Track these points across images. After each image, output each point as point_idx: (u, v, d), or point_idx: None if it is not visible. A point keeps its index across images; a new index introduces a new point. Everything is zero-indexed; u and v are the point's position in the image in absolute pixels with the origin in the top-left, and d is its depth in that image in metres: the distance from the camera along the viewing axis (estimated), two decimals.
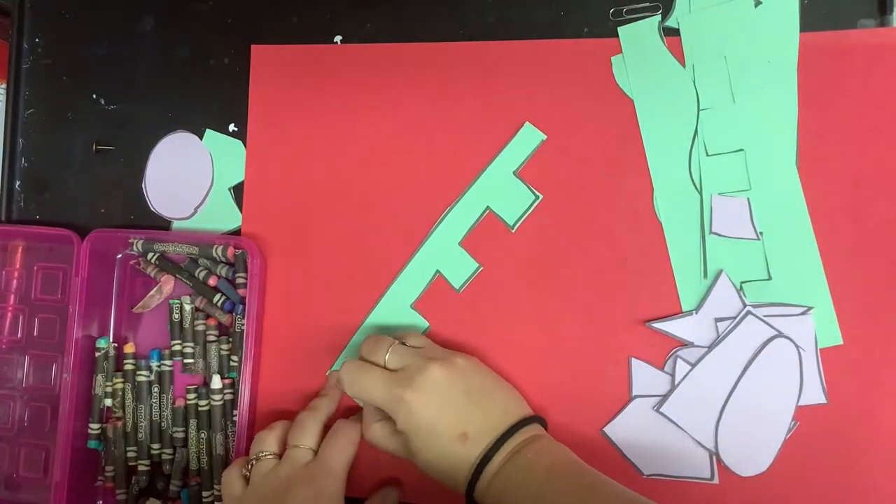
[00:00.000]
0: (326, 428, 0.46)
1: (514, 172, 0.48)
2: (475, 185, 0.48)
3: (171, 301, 0.51)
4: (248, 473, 0.44)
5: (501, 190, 0.48)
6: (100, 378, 0.52)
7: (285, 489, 0.42)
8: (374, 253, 0.50)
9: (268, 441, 0.45)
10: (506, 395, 0.43)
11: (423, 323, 0.48)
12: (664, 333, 0.45)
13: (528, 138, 0.48)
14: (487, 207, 0.48)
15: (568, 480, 0.39)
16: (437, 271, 0.49)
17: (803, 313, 0.44)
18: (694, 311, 0.45)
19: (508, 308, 0.48)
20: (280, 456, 0.45)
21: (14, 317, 0.55)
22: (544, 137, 0.48)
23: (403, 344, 0.45)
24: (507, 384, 0.45)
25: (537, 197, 0.48)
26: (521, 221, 0.48)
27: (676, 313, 0.46)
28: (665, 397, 0.45)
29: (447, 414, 0.41)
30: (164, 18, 0.54)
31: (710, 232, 0.46)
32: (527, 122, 0.48)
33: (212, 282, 0.51)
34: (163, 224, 0.53)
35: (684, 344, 0.45)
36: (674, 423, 0.45)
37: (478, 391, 0.42)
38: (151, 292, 0.52)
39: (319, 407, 0.47)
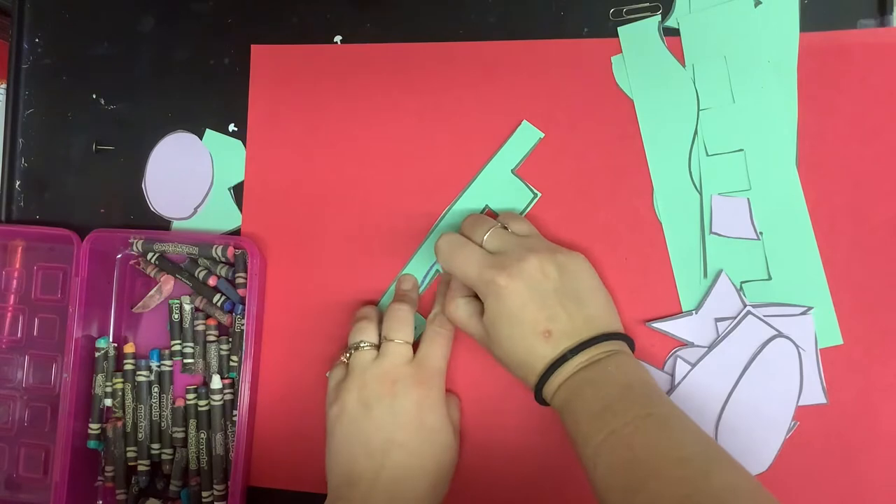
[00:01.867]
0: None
1: (512, 171, 0.48)
2: (474, 183, 0.48)
3: (170, 301, 0.51)
4: (346, 360, 0.45)
5: (500, 188, 0.48)
6: (100, 378, 0.52)
7: (394, 387, 0.43)
8: (374, 252, 0.50)
9: (368, 331, 0.45)
10: (598, 304, 0.42)
11: (421, 320, 0.48)
12: (664, 333, 0.45)
13: (526, 136, 0.48)
14: (486, 206, 0.48)
15: (640, 403, 0.37)
16: (437, 270, 0.49)
17: (803, 313, 0.44)
18: (694, 311, 0.45)
19: None
20: (377, 347, 0.45)
21: (14, 317, 0.55)
22: (542, 135, 0.48)
23: (505, 228, 0.44)
24: (604, 293, 0.43)
25: (536, 195, 0.48)
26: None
27: (676, 313, 0.46)
28: None
29: (534, 307, 0.40)
30: (164, 18, 0.54)
31: (710, 232, 0.46)
32: (524, 121, 0.48)
33: (212, 282, 0.51)
34: (163, 224, 0.53)
35: (684, 344, 0.45)
36: None
37: (570, 292, 0.41)
38: (151, 292, 0.52)
39: (410, 301, 0.46)
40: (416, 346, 0.46)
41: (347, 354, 0.45)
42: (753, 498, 0.33)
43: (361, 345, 0.45)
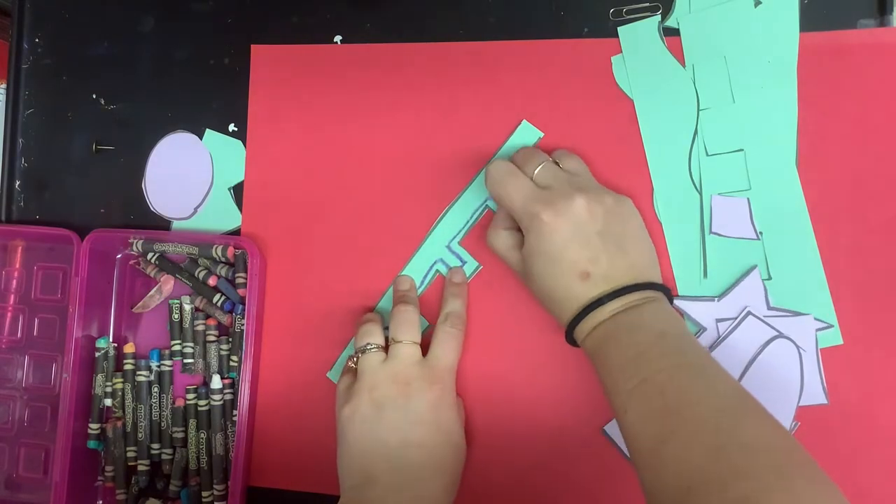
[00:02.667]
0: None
1: None
2: (473, 183, 0.48)
3: (170, 301, 0.51)
4: (353, 365, 0.45)
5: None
6: (99, 378, 0.52)
7: (406, 389, 0.43)
8: (373, 252, 0.50)
9: (374, 333, 0.45)
10: (640, 252, 0.41)
11: (423, 322, 0.48)
12: (681, 311, 0.45)
13: (526, 136, 0.48)
14: (486, 206, 0.48)
15: (674, 351, 0.37)
16: (437, 271, 0.49)
17: (803, 313, 0.44)
18: (717, 298, 0.45)
19: (509, 307, 0.47)
20: (384, 349, 0.45)
21: (14, 317, 0.55)
22: (541, 135, 0.48)
23: (557, 164, 0.43)
24: (648, 242, 0.43)
25: None
26: None
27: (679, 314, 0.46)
28: None
29: (576, 247, 0.39)
30: (164, 18, 0.54)
31: (710, 232, 0.46)
32: (524, 120, 0.48)
33: (212, 282, 0.51)
34: (163, 224, 0.53)
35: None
36: None
37: (614, 237, 0.40)
38: (151, 292, 0.52)
39: (413, 302, 0.46)
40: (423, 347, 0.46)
41: (355, 358, 0.45)
42: (789, 455, 0.32)
43: (368, 347, 0.45)
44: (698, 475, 0.32)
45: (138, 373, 0.51)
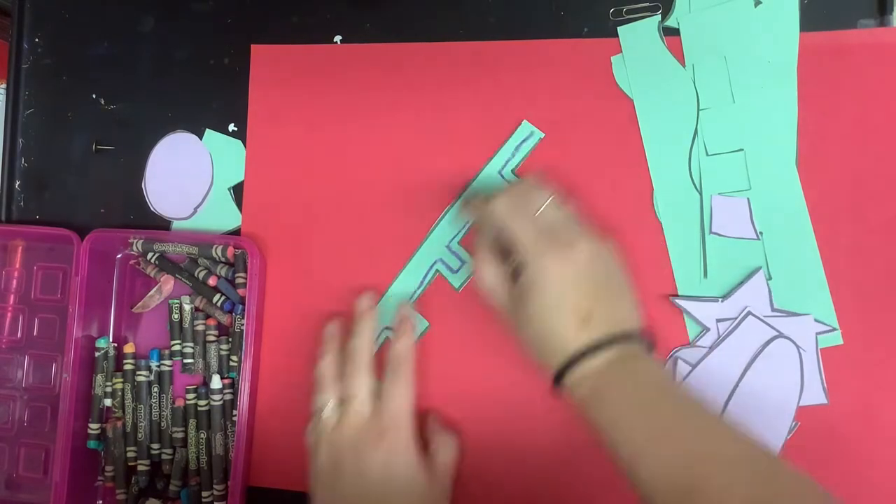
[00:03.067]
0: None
1: (512, 171, 0.48)
2: (473, 183, 0.48)
3: (170, 301, 0.51)
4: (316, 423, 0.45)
5: (500, 188, 0.48)
6: (99, 378, 0.52)
7: (356, 448, 0.43)
8: (373, 252, 0.50)
9: (326, 393, 0.45)
10: (632, 301, 0.41)
11: (423, 322, 0.48)
12: (683, 311, 0.45)
13: (526, 136, 0.48)
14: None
15: (687, 401, 0.37)
16: (437, 271, 0.49)
17: (803, 313, 0.44)
18: (720, 299, 0.45)
19: None
20: (340, 402, 0.45)
21: (14, 317, 0.55)
22: (542, 135, 0.48)
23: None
24: (634, 291, 0.42)
25: None
26: None
27: (676, 313, 0.46)
28: None
29: (579, 292, 0.39)
30: (164, 18, 0.54)
31: (710, 232, 0.46)
32: (524, 120, 0.48)
33: (211, 282, 0.51)
34: (162, 224, 0.53)
35: (686, 343, 0.45)
36: None
37: (613, 283, 0.40)
38: (151, 292, 0.52)
39: (361, 349, 0.46)
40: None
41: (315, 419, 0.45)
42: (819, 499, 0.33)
43: (323, 414, 0.45)
44: None
45: (138, 373, 0.51)
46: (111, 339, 0.52)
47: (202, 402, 0.51)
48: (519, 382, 0.47)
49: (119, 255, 0.53)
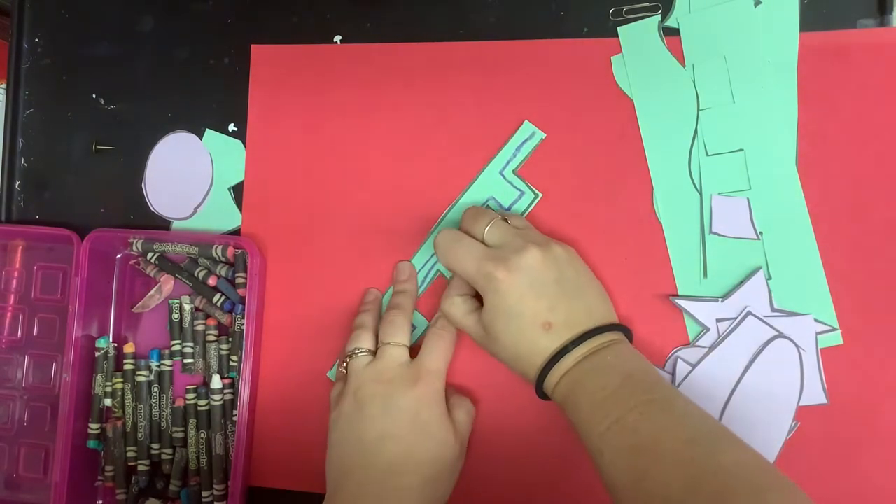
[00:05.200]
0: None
1: (513, 171, 0.48)
2: (475, 183, 0.48)
3: (170, 301, 0.51)
4: (344, 370, 0.45)
5: (501, 189, 0.48)
6: (99, 378, 0.52)
7: (388, 388, 0.43)
8: (374, 252, 0.50)
9: (362, 338, 0.45)
10: (595, 295, 0.42)
11: (423, 322, 0.48)
12: (683, 311, 0.45)
13: (527, 136, 0.48)
14: (487, 207, 0.48)
15: (642, 389, 0.37)
16: (438, 270, 0.49)
17: (803, 313, 0.44)
18: (720, 299, 0.45)
19: None
20: (373, 353, 0.45)
21: (14, 317, 0.55)
22: (543, 136, 0.48)
23: (505, 221, 0.43)
24: (598, 285, 0.43)
25: (537, 195, 0.48)
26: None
27: (676, 313, 0.46)
28: None
29: (535, 300, 0.40)
30: (164, 18, 0.54)
31: (710, 232, 0.46)
32: (525, 121, 0.48)
33: (211, 282, 0.51)
34: (162, 224, 0.53)
35: (686, 343, 0.45)
36: None
37: (570, 283, 0.41)
38: (151, 292, 0.52)
39: (404, 305, 0.46)
40: (416, 350, 0.46)
41: (345, 363, 0.46)
42: (762, 473, 0.33)
43: (357, 352, 0.45)
44: None
45: (138, 373, 0.51)
46: (111, 339, 0.52)
47: (202, 402, 0.51)
48: (519, 382, 0.47)
49: (119, 255, 0.53)
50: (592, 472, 0.46)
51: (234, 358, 0.51)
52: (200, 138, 0.53)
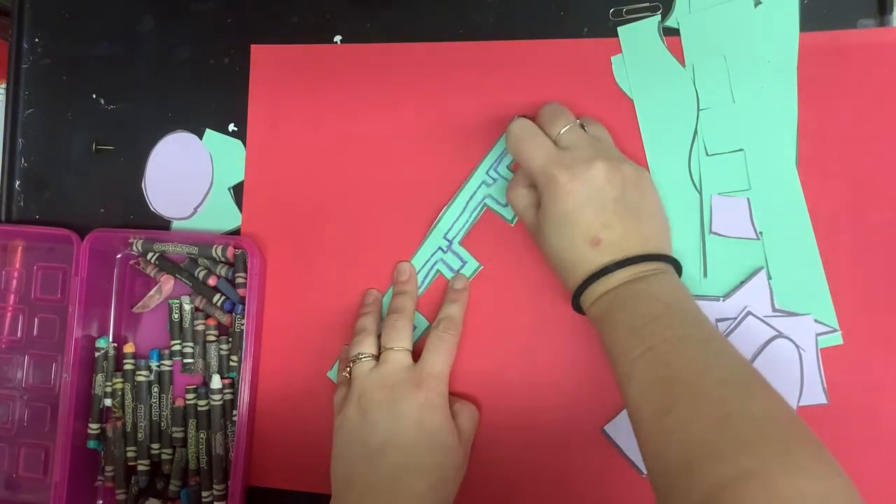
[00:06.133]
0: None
1: (507, 166, 0.48)
2: (470, 181, 0.48)
3: (170, 301, 0.51)
4: (347, 374, 0.45)
5: (497, 185, 0.48)
6: (99, 378, 0.52)
7: (393, 392, 0.43)
8: (373, 252, 0.50)
9: (365, 343, 0.45)
10: (654, 223, 0.41)
11: (424, 322, 0.48)
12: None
13: None
14: (485, 204, 0.48)
15: (680, 322, 0.37)
16: (438, 271, 0.49)
17: (803, 313, 0.44)
18: (721, 298, 0.45)
19: (509, 305, 0.47)
20: (376, 357, 0.45)
21: (14, 317, 0.55)
22: None
23: (582, 128, 0.43)
24: (663, 215, 0.43)
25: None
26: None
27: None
28: None
29: (590, 212, 0.39)
30: (164, 18, 0.54)
31: (710, 232, 0.46)
32: (515, 116, 0.48)
33: (211, 282, 0.51)
34: (162, 224, 0.53)
35: None
36: None
37: (631, 205, 0.40)
38: (151, 292, 0.52)
39: (405, 308, 0.46)
40: (418, 352, 0.46)
41: (348, 368, 0.46)
42: (791, 426, 0.33)
43: (360, 357, 0.45)
44: (701, 447, 0.32)
45: (138, 373, 0.51)
46: (111, 339, 0.52)
47: (202, 402, 0.51)
48: (519, 382, 0.47)
49: (119, 255, 0.53)
50: (594, 472, 0.46)
51: (234, 358, 0.51)
52: (200, 138, 0.53)
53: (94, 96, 0.55)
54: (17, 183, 0.55)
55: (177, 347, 0.51)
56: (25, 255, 0.55)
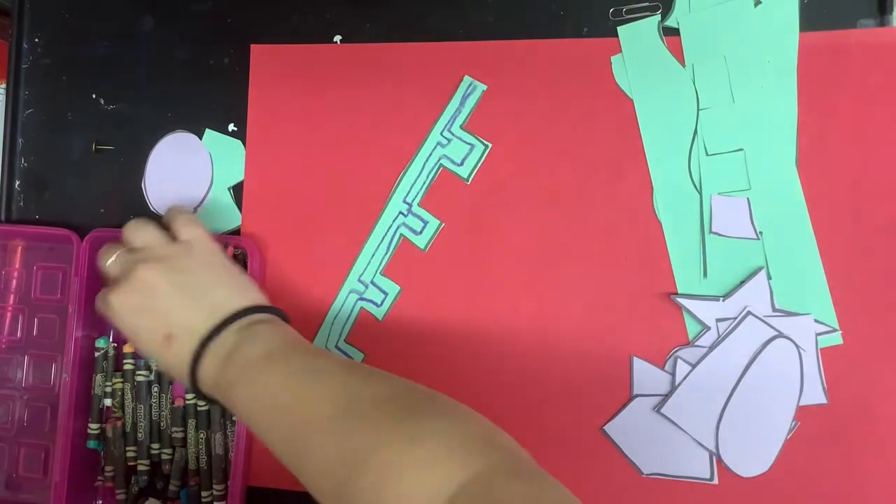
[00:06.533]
0: None
1: (461, 126, 0.48)
2: (425, 144, 0.49)
3: None
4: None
5: (452, 146, 0.48)
6: (99, 378, 0.52)
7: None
8: None
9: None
10: (225, 289, 0.41)
11: (395, 287, 0.48)
12: (684, 310, 0.45)
13: (469, 90, 0.48)
14: (441, 165, 0.49)
15: (282, 368, 0.37)
16: (402, 235, 0.49)
17: (803, 313, 0.44)
18: (721, 299, 0.45)
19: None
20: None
21: (14, 317, 0.55)
22: (485, 87, 0.48)
23: (134, 249, 0.42)
24: (230, 272, 0.43)
25: (486, 146, 0.48)
26: (475, 173, 0.48)
27: (676, 313, 0.46)
28: (666, 398, 0.45)
29: (149, 316, 0.40)
30: (164, 18, 0.54)
31: (710, 232, 0.46)
32: (465, 76, 0.48)
33: None
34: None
35: (686, 343, 0.45)
36: (674, 423, 0.45)
37: (192, 287, 0.40)
38: None
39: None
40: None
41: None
42: (407, 397, 0.34)
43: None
44: (343, 469, 0.32)
45: (138, 373, 0.51)
46: (111, 339, 0.52)
47: (202, 402, 0.51)
48: (519, 382, 0.47)
49: None
50: (594, 472, 0.46)
51: None
52: (200, 138, 0.53)
53: (94, 96, 0.55)
54: (17, 183, 0.55)
55: None
56: (25, 255, 0.55)
